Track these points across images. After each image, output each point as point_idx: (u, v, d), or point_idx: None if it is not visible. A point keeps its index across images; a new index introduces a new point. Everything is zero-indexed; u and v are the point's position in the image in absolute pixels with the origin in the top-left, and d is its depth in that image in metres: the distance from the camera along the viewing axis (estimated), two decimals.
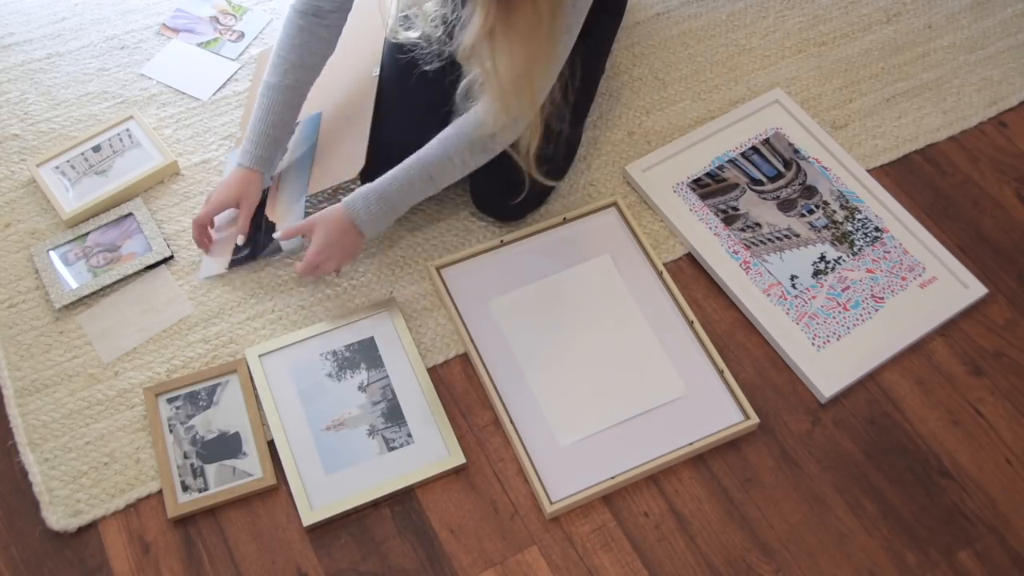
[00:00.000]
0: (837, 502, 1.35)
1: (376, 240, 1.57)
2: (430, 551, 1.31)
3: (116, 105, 1.73)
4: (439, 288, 1.50)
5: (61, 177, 1.62)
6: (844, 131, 1.72)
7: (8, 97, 1.74)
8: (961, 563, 1.30)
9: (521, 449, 1.35)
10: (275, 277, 1.54)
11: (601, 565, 1.30)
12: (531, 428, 1.38)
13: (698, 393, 1.41)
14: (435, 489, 1.35)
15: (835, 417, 1.42)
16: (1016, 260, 1.57)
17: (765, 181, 1.64)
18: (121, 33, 1.83)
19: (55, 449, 1.37)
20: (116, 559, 1.29)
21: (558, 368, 1.43)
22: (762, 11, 1.88)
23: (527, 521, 1.33)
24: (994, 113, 1.74)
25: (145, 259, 1.53)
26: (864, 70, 1.80)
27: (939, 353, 1.48)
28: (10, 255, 1.55)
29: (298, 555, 1.30)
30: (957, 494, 1.36)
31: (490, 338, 1.46)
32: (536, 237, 1.56)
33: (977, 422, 1.42)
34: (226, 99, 1.74)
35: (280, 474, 1.35)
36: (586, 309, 1.49)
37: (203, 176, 1.65)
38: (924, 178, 1.67)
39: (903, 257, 1.55)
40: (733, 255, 1.55)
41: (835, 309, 1.50)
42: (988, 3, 1.89)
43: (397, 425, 1.39)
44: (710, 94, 1.76)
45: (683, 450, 1.36)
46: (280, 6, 1.87)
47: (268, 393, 1.40)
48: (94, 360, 1.45)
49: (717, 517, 1.34)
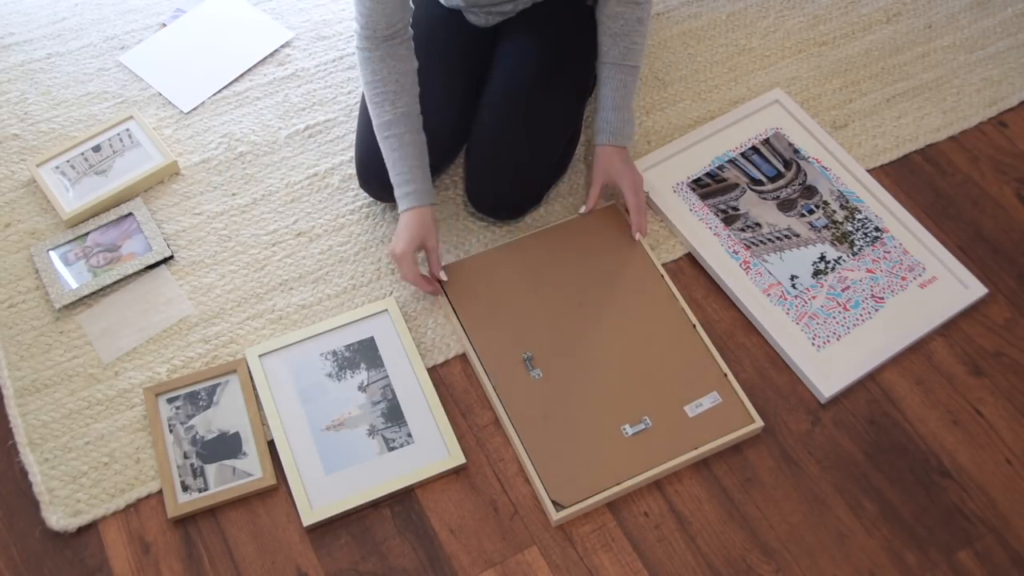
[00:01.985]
0: (837, 502, 1.35)
1: (376, 240, 1.57)
2: (430, 551, 1.30)
3: (116, 105, 1.73)
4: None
5: (61, 177, 1.62)
6: (844, 131, 1.72)
7: (8, 97, 1.74)
8: (961, 563, 1.30)
9: (523, 452, 1.35)
10: (275, 277, 1.54)
11: (601, 565, 1.30)
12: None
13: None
14: (435, 489, 1.35)
15: (835, 417, 1.42)
16: (1016, 260, 1.57)
17: (765, 181, 1.64)
18: (121, 33, 1.83)
19: (55, 449, 1.37)
20: (116, 559, 1.29)
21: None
22: (762, 11, 1.88)
23: (527, 521, 1.33)
24: (994, 113, 1.74)
25: (145, 259, 1.53)
26: (864, 70, 1.80)
27: (939, 353, 1.48)
28: (10, 255, 1.55)
29: (298, 555, 1.30)
30: (957, 494, 1.36)
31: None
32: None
33: (977, 422, 1.42)
34: (225, 99, 1.74)
35: (280, 474, 1.35)
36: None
37: (203, 176, 1.65)
38: (924, 178, 1.67)
39: (903, 257, 1.55)
40: (733, 255, 1.55)
41: (835, 309, 1.50)
42: (988, 3, 1.89)
43: (397, 425, 1.39)
44: (710, 94, 1.76)
45: (689, 455, 1.36)
46: (280, 6, 1.87)
47: (268, 393, 1.40)
48: (94, 360, 1.45)
49: (717, 517, 1.34)
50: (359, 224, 1.59)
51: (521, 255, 1.54)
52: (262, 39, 1.82)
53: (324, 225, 1.59)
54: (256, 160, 1.67)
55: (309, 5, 1.88)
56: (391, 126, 1.41)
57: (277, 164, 1.66)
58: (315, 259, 1.56)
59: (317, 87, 1.76)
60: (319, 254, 1.56)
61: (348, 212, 1.61)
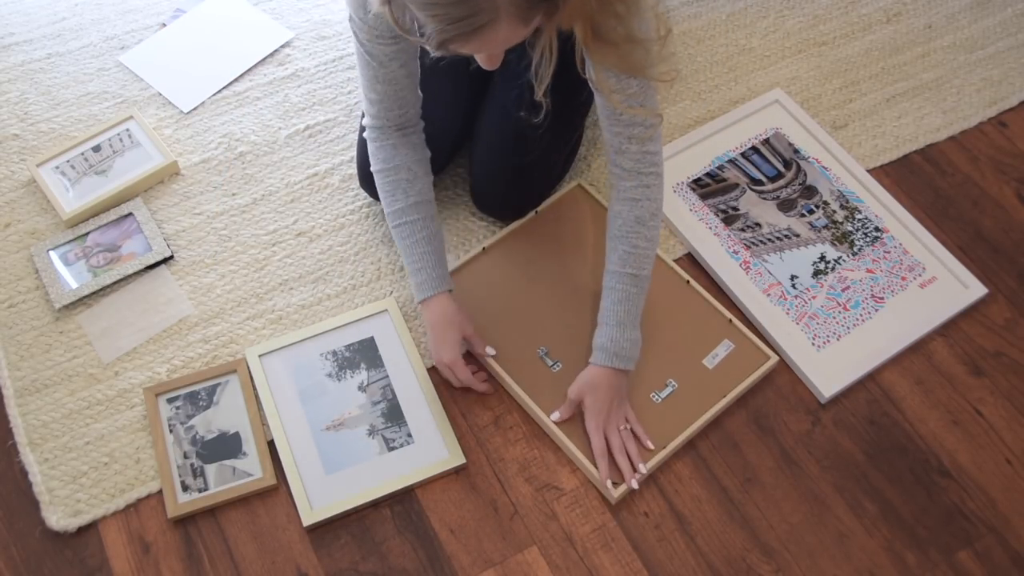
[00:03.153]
0: (837, 502, 1.35)
1: (376, 240, 1.57)
2: (430, 551, 1.30)
3: (116, 105, 1.73)
4: None
5: (61, 177, 1.62)
6: (844, 131, 1.72)
7: (8, 97, 1.74)
8: (961, 563, 1.30)
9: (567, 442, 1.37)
10: (275, 277, 1.54)
11: (601, 565, 1.30)
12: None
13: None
14: (435, 489, 1.35)
15: (835, 417, 1.42)
16: (1016, 260, 1.57)
17: (765, 181, 1.64)
18: (121, 33, 1.83)
19: (55, 449, 1.37)
20: (116, 559, 1.29)
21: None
22: (762, 11, 1.88)
23: (527, 521, 1.33)
24: (994, 113, 1.74)
25: (145, 259, 1.53)
26: (864, 70, 1.80)
27: (939, 353, 1.48)
28: (10, 255, 1.55)
29: (298, 555, 1.30)
30: (957, 494, 1.36)
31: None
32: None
33: (977, 422, 1.42)
34: (225, 99, 1.74)
35: (280, 474, 1.35)
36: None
37: (203, 176, 1.65)
38: (924, 178, 1.67)
39: (903, 257, 1.55)
40: (733, 255, 1.55)
41: (835, 309, 1.50)
42: (988, 3, 1.89)
43: (397, 425, 1.39)
44: (710, 94, 1.76)
45: (720, 404, 1.39)
46: (279, 6, 1.87)
47: (268, 393, 1.40)
48: (94, 360, 1.45)
49: (717, 517, 1.34)
50: (359, 224, 1.59)
51: (507, 254, 1.54)
52: (262, 39, 1.82)
53: (324, 225, 1.59)
54: (256, 160, 1.67)
55: (309, 5, 1.88)
56: (404, 214, 1.37)
57: (277, 164, 1.66)
58: (315, 259, 1.56)
59: (317, 87, 1.76)
60: (319, 254, 1.56)
61: (348, 212, 1.61)
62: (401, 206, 1.37)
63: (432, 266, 1.37)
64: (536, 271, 1.52)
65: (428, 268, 1.37)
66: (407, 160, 1.37)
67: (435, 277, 1.38)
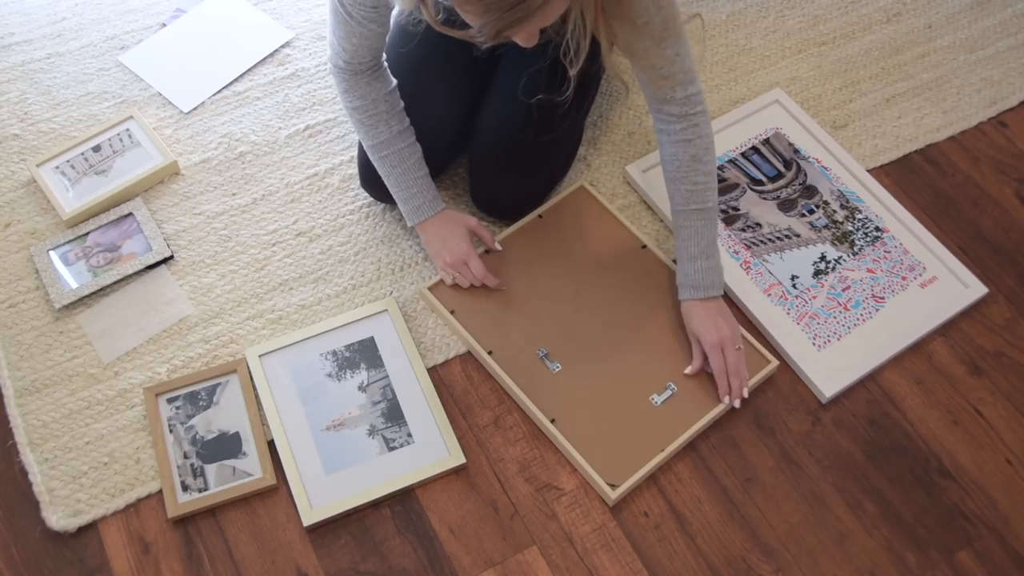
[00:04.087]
0: (837, 502, 1.35)
1: (376, 240, 1.57)
2: (430, 551, 1.30)
3: (116, 105, 1.73)
4: (435, 304, 1.50)
5: (61, 177, 1.62)
6: (844, 131, 1.72)
7: (8, 97, 1.74)
8: (961, 563, 1.30)
9: (566, 444, 1.36)
10: (275, 277, 1.54)
11: (601, 565, 1.30)
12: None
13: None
14: (435, 489, 1.35)
15: (835, 417, 1.42)
16: (1016, 260, 1.57)
17: (765, 181, 1.64)
18: (121, 33, 1.83)
19: (55, 449, 1.37)
20: (116, 559, 1.29)
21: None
22: (762, 11, 1.88)
23: (527, 521, 1.33)
24: (994, 113, 1.74)
25: (145, 259, 1.53)
26: (864, 70, 1.80)
27: (939, 353, 1.48)
28: (10, 255, 1.55)
29: (298, 555, 1.30)
30: (957, 494, 1.36)
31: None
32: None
33: (977, 422, 1.42)
34: (225, 99, 1.74)
35: (280, 474, 1.35)
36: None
37: (203, 176, 1.65)
38: (924, 178, 1.67)
39: (903, 257, 1.55)
40: (733, 255, 1.55)
41: (835, 309, 1.50)
42: (988, 3, 1.89)
43: (397, 425, 1.39)
44: (710, 94, 1.76)
45: (719, 408, 1.39)
46: (279, 6, 1.87)
47: (268, 393, 1.40)
48: (94, 360, 1.45)
49: (717, 517, 1.34)
50: (359, 224, 1.59)
51: (505, 257, 1.54)
52: (262, 39, 1.82)
53: (324, 225, 1.59)
54: (256, 160, 1.67)
55: (309, 5, 1.88)
56: (390, 143, 1.42)
57: (277, 164, 1.66)
58: (315, 259, 1.56)
59: (317, 87, 1.76)
60: (319, 254, 1.56)
61: (348, 212, 1.61)
62: (385, 137, 1.42)
63: (426, 188, 1.46)
64: (538, 273, 1.52)
65: (423, 191, 1.45)
66: (382, 93, 1.41)
67: (430, 199, 1.46)
